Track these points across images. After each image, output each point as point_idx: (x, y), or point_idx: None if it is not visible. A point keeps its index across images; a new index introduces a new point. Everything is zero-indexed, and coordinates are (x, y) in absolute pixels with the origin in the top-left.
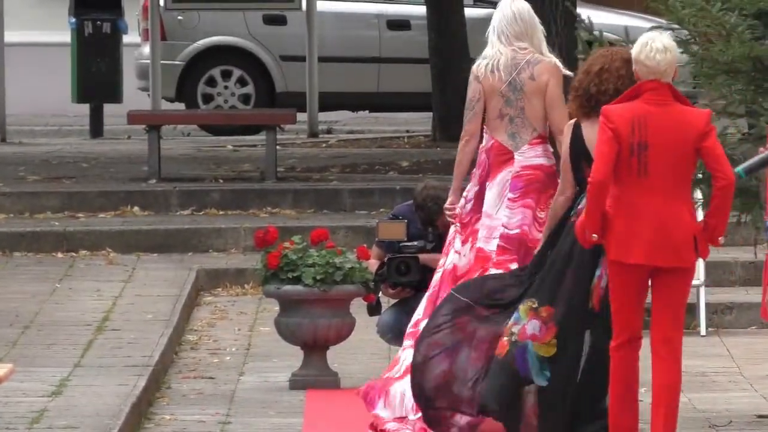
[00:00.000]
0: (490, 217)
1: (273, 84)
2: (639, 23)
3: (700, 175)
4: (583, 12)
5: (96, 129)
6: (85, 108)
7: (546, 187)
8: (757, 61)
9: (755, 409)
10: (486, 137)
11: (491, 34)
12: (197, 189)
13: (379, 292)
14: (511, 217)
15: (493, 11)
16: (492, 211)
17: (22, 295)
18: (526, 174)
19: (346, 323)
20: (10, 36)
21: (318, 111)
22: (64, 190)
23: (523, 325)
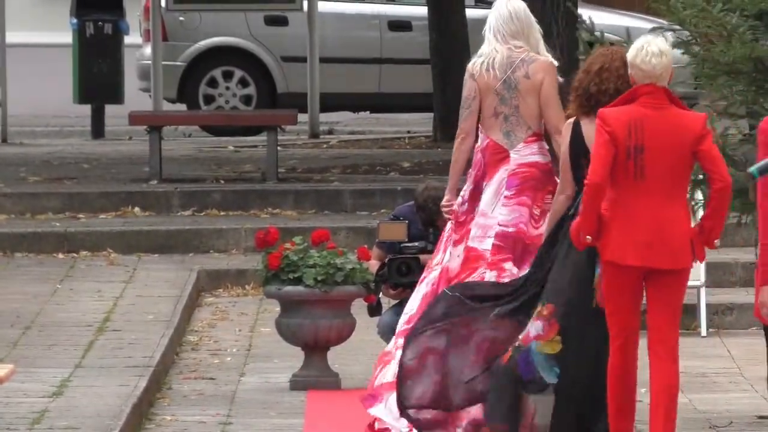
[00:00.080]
0: (485, 216)
1: (274, 85)
2: (640, 24)
3: (701, 176)
4: (585, 13)
5: (97, 130)
6: (87, 109)
7: (542, 185)
8: (758, 62)
9: (756, 410)
10: (481, 136)
11: (487, 32)
12: (198, 190)
13: (380, 292)
14: (508, 215)
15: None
16: (488, 210)
17: (23, 296)
18: (522, 172)
19: (346, 324)
20: (11, 37)
21: (319, 112)
22: (65, 190)
23: (527, 330)
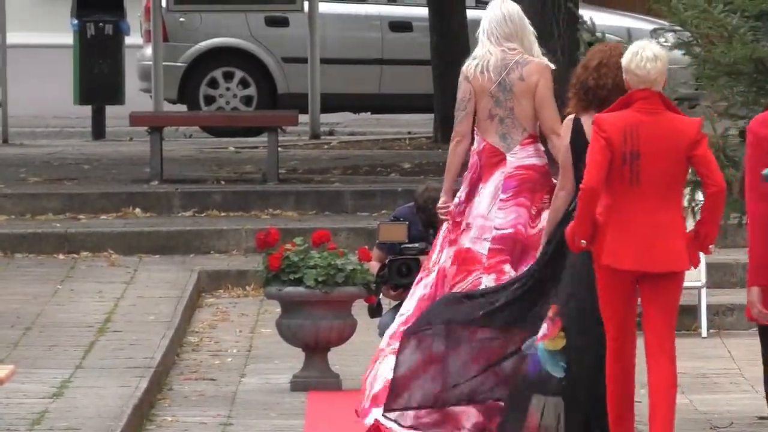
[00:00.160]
0: (484, 218)
1: (275, 85)
2: (641, 25)
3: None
4: (586, 14)
5: (98, 130)
6: (87, 109)
7: (540, 186)
8: (759, 63)
9: (756, 411)
10: (477, 139)
11: (481, 34)
12: (199, 190)
13: (380, 293)
14: (505, 218)
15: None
16: (485, 213)
17: (23, 297)
18: (518, 174)
19: (347, 325)
20: (12, 37)
21: (320, 113)
22: (65, 191)
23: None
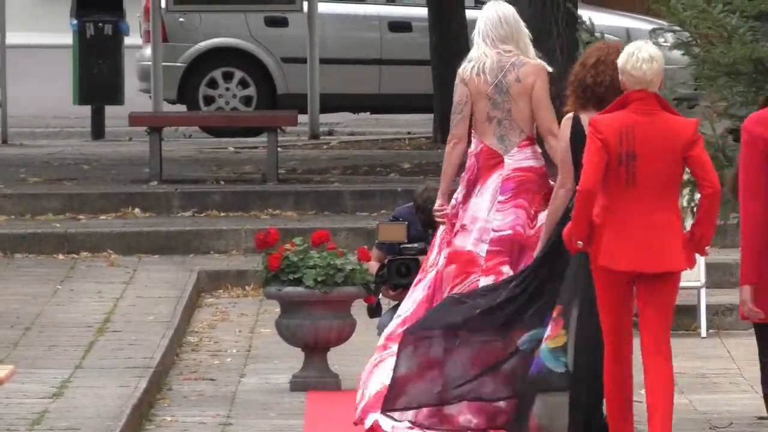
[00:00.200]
0: (481, 221)
1: (274, 86)
2: (640, 25)
3: None
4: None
5: (97, 131)
6: (87, 110)
7: (539, 188)
8: (759, 63)
9: (756, 411)
10: (474, 141)
11: (476, 36)
12: (198, 191)
13: (380, 293)
14: (503, 220)
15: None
16: (483, 215)
17: (23, 297)
18: (516, 176)
19: (347, 325)
20: (11, 38)
21: (319, 113)
22: (65, 191)
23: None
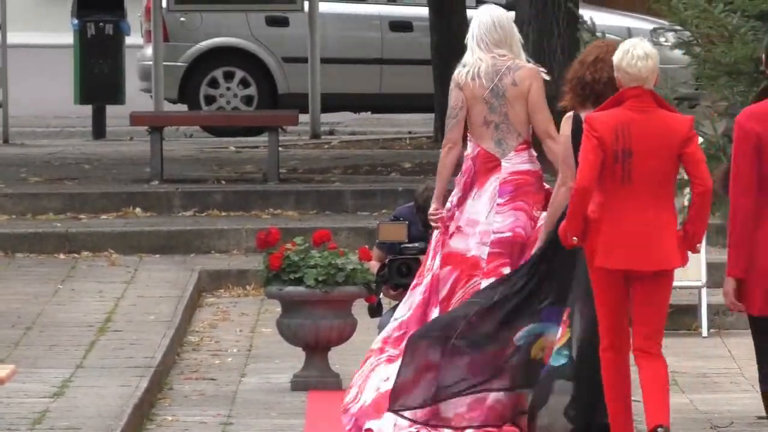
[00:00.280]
0: (479, 224)
1: (275, 85)
2: (642, 25)
3: None
4: (586, 13)
5: (98, 130)
6: (88, 109)
7: (537, 190)
8: (760, 63)
9: (757, 410)
10: (471, 145)
11: (470, 41)
12: (199, 190)
13: (381, 293)
14: (503, 222)
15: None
16: (481, 218)
17: (24, 297)
18: (514, 179)
19: (347, 324)
20: (12, 37)
21: (320, 112)
22: (66, 191)
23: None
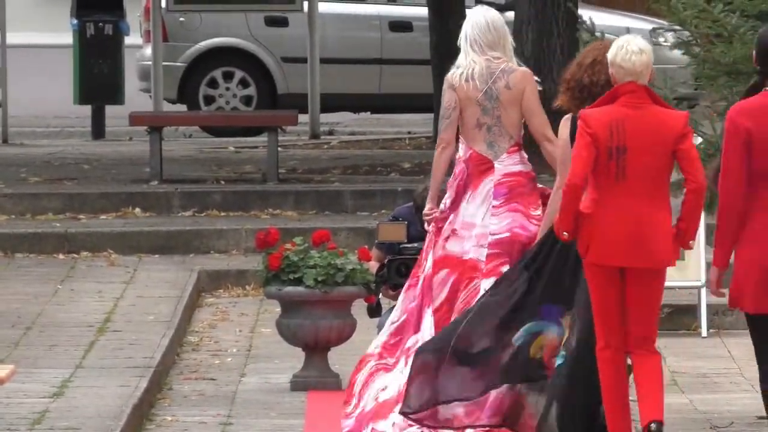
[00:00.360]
0: (475, 227)
1: (275, 85)
2: (641, 25)
3: None
4: (585, 13)
5: (98, 130)
6: (87, 109)
7: (530, 191)
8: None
9: (756, 410)
10: (463, 147)
11: (463, 42)
12: (199, 190)
13: (380, 293)
14: (499, 223)
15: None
16: (477, 221)
17: (23, 297)
18: (507, 181)
19: (347, 324)
20: (12, 38)
21: (319, 112)
22: (65, 191)
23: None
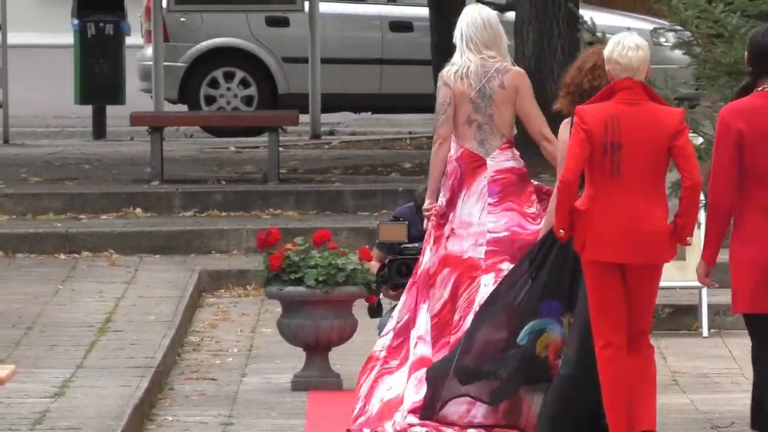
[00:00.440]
0: (473, 225)
1: (275, 85)
2: (642, 25)
3: None
4: (586, 13)
5: (99, 130)
6: (88, 109)
7: (522, 188)
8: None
9: None
10: (454, 146)
11: (458, 41)
12: (200, 190)
13: (381, 293)
14: (496, 222)
15: (495, 12)
16: (474, 219)
17: (24, 297)
18: (500, 178)
19: (348, 324)
20: (12, 38)
21: (320, 112)
22: (66, 191)
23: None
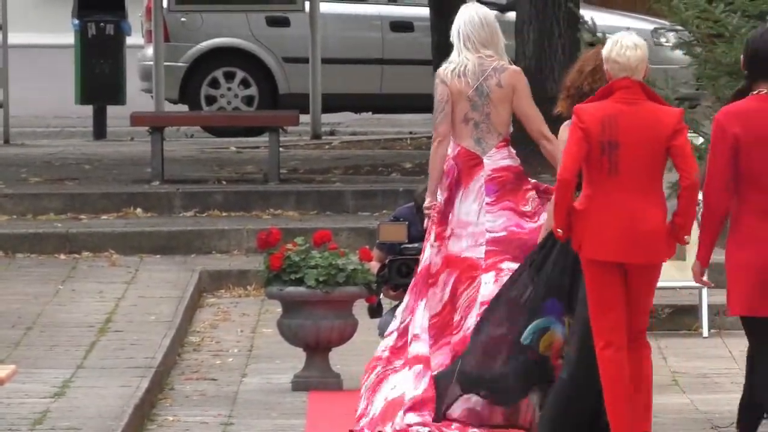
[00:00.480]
0: (472, 225)
1: (276, 86)
2: (642, 25)
3: None
4: (586, 14)
5: (99, 130)
6: (89, 109)
7: (519, 186)
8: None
9: None
10: (451, 144)
11: (456, 39)
12: (200, 190)
13: (381, 293)
14: (494, 221)
15: (496, 12)
16: (472, 219)
17: (24, 297)
18: (497, 177)
19: (348, 324)
20: (13, 38)
21: (321, 113)
22: (66, 191)
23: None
